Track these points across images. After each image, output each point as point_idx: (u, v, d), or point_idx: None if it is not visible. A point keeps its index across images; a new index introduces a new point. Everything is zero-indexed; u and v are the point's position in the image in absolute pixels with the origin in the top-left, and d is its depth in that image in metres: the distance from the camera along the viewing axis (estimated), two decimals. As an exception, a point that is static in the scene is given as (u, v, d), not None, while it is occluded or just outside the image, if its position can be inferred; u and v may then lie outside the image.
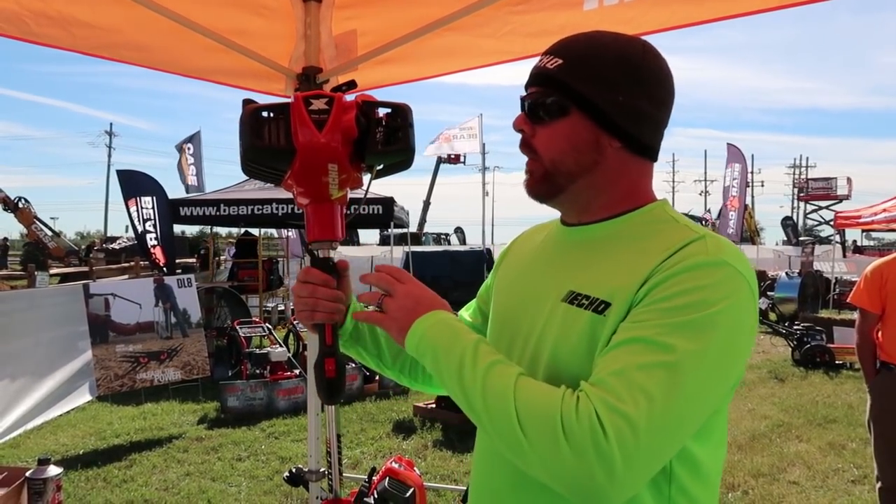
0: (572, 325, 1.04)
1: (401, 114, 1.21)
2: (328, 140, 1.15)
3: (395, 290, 1.14)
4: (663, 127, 1.14)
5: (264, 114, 1.17)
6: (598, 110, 1.07)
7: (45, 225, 19.90)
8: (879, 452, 3.50)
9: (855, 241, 28.64)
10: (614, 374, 0.92)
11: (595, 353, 1.00)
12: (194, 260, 15.89)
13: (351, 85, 1.28)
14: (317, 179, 1.18)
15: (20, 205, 18.73)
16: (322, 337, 1.24)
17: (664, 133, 1.16)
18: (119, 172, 10.15)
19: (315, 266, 1.25)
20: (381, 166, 1.26)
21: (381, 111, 1.21)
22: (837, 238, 17.73)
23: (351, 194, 1.27)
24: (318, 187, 1.19)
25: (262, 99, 1.27)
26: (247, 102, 1.21)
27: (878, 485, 3.52)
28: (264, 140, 1.16)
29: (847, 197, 39.06)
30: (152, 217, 9.65)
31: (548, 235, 1.25)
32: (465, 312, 1.43)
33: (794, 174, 57.31)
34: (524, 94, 1.14)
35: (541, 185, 1.12)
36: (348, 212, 1.29)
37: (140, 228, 9.69)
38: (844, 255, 21.25)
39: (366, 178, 1.27)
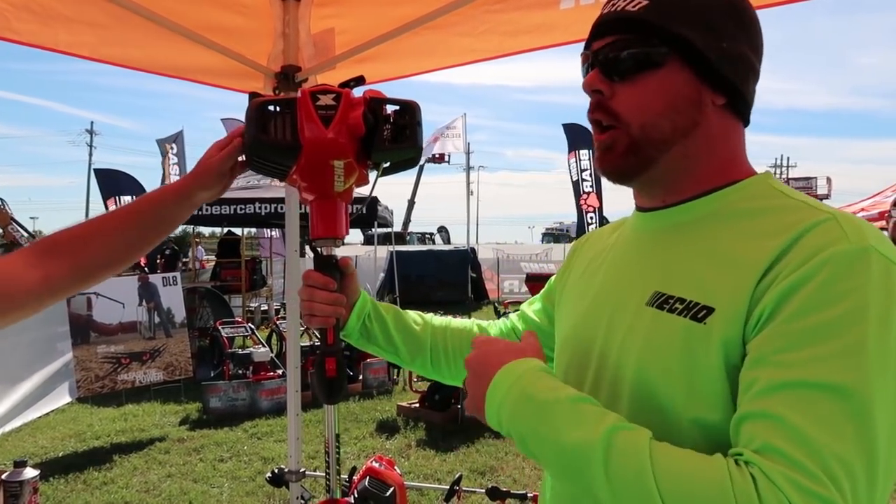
0: (662, 334, 0.84)
1: (409, 111, 1.20)
2: (335, 136, 1.14)
3: (466, 364, 0.92)
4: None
5: (270, 108, 1.16)
6: (700, 57, 0.87)
7: (22, 227, 19.59)
8: None
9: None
10: (789, 441, 0.68)
11: (691, 368, 0.80)
12: (158, 261, 14.88)
13: (359, 81, 1.27)
14: (322, 176, 1.17)
15: None
16: (323, 337, 1.23)
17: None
18: (97, 171, 10.03)
19: (317, 264, 1.24)
20: (387, 164, 1.24)
21: (390, 108, 1.19)
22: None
23: (357, 192, 1.26)
24: (324, 184, 1.18)
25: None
26: (253, 96, 1.19)
27: None
28: (270, 135, 1.14)
29: (827, 196, 39.48)
30: (133, 217, 9.50)
31: (623, 229, 1.06)
32: (529, 309, 1.29)
33: (775, 174, 57.93)
34: (592, 48, 0.93)
35: (627, 160, 0.90)
36: (352, 211, 1.29)
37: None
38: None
39: (372, 175, 1.25)
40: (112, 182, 9.63)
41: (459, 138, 14.44)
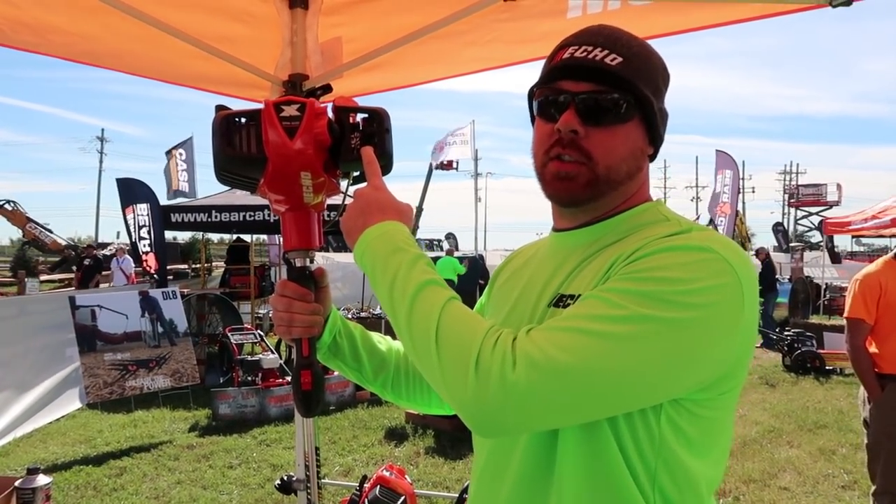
0: None
1: (377, 119, 1.18)
2: (301, 147, 1.12)
3: (357, 191, 1.10)
4: None
5: (236, 120, 1.14)
6: (652, 118, 1.03)
7: (38, 224, 20.48)
8: None
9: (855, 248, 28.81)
10: (557, 320, 0.89)
11: None
12: (75, 273, 14.20)
13: (326, 89, 1.25)
14: (290, 187, 1.15)
15: (8, 207, 19.10)
16: (299, 349, 1.21)
17: None
18: (119, 181, 10.12)
19: (291, 276, 1.22)
20: (357, 173, 1.21)
21: (358, 116, 1.17)
22: (824, 242, 17.79)
23: (331, 201, 1.24)
24: (293, 195, 1.16)
25: (244, 106, 1.24)
26: (219, 108, 1.17)
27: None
28: (235, 148, 1.12)
29: (837, 203, 39.23)
30: (147, 224, 9.63)
31: (540, 247, 1.20)
32: None
33: (784, 180, 57.59)
34: (565, 87, 1.02)
35: (584, 191, 1.02)
36: (327, 219, 1.27)
37: (135, 236, 9.67)
38: (835, 261, 21.30)
39: (343, 184, 1.23)
40: (130, 191, 9.74)
41: (467, 145, 14.47)
